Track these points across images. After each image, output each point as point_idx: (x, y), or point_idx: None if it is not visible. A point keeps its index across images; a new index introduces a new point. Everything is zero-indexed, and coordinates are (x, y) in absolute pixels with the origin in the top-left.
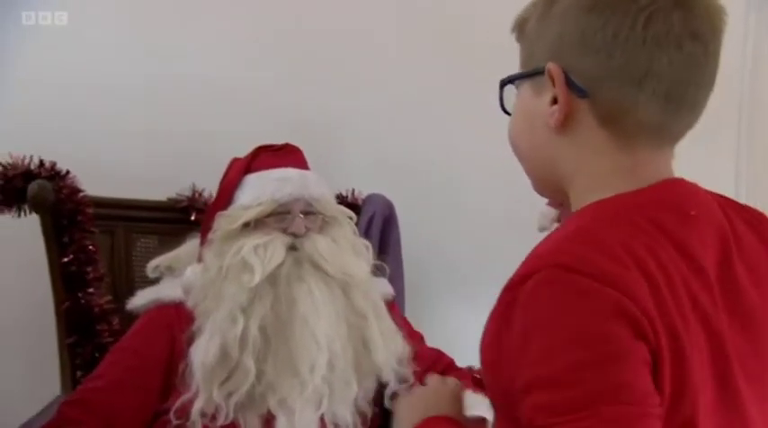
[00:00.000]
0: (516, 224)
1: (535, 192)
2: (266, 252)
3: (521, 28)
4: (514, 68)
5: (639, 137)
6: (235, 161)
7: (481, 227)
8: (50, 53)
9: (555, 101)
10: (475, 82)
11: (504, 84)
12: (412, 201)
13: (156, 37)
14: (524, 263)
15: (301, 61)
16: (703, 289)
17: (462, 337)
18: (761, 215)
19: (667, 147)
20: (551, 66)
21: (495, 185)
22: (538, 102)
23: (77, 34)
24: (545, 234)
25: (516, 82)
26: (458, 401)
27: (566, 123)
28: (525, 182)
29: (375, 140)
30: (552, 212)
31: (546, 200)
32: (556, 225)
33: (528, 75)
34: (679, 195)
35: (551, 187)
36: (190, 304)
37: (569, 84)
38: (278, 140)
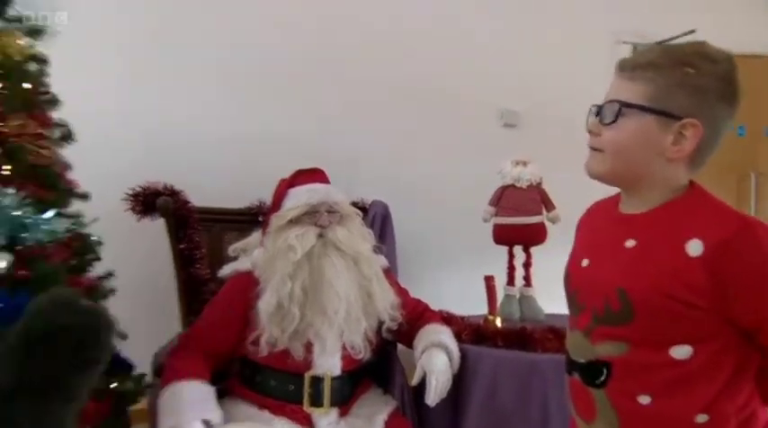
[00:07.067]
0: (468, 219)
1: (480, 198)
2: (304, 238)
3: (644, 67)
4: (464, 117)
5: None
6: (282, 181)
7: (446, 221)
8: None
9: (675, 141)
10: (445, 126)
11: (630, 105)
12: (401, 206)
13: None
14: (702, 230)
15: (329, 116)
16: None
17: (434, 292)
18: None
19: None
20: (694, 123)
21: (456, 195)
22: (660, 135)
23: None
24: (487, 223)
25: (639, 110)
26: None
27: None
28: (475, 192)
29: (378, 166)
30: (491, 210)
31: (488, 202)
32: (493, 218)
33: (664, 113)
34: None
35: (622, 179)
36: (256, 274)
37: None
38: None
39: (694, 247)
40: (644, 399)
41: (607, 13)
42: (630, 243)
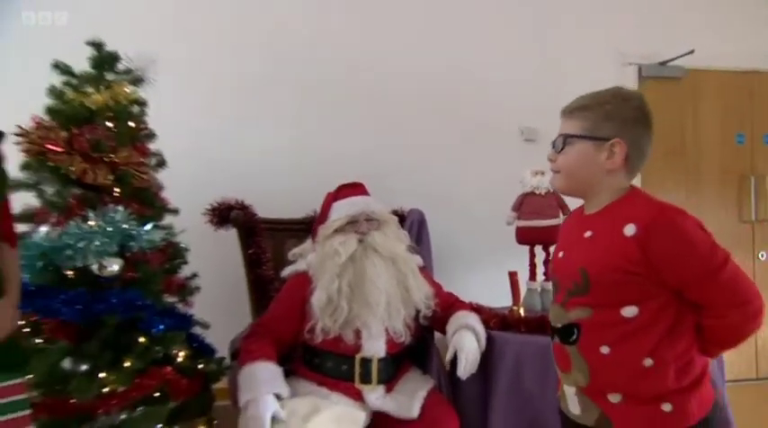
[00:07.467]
0: (493, 223)
1: (503, 204)
2: (346, 244)
3: (580, 109)
4: (488, 134)
5: (634, 173)
6: (328, 194)
7: (474, 225)
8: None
9: (608, 157)
10: (472, 142)
11: (571, 136)
12: (435, 213)
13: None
14: (634, 217)
15: (374, 136)
16: None
17: (464, 287)
18: None
19: None
20: (619, 142)
21: (483, 202)
22: (597, 154)
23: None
24: (511, 226)
25: (578, 139)
26: None
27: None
28: (499, 199)
29: (415, 178)
30: (514, 214)
31: (510, 208)
32: (516, 221)
33: (596, 138)
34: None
35: (576, 190)
36: (311, 273)
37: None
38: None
39: (629, 229)
40: (605, 349)
41: (615, 37)
42: (588, 233)
